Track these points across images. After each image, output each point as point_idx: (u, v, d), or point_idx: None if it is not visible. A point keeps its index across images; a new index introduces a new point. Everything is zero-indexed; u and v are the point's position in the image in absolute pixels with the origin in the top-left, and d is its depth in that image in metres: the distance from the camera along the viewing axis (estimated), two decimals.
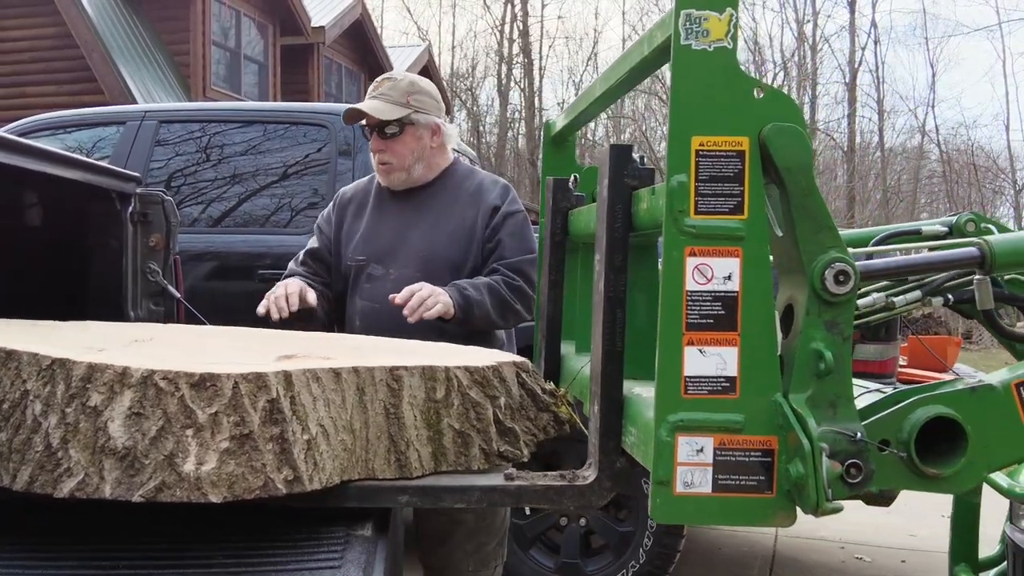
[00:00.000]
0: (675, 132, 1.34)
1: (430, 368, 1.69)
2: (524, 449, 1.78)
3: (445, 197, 2.74)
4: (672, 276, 1.36)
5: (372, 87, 2.73)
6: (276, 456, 1.43)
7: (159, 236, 3.11)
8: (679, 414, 1.38)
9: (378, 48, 18.91)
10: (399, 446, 1.63)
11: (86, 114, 5.44)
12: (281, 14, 16.01)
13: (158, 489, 1.35)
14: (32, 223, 3.11)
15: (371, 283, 2.68)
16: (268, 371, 1.46)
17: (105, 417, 1.38)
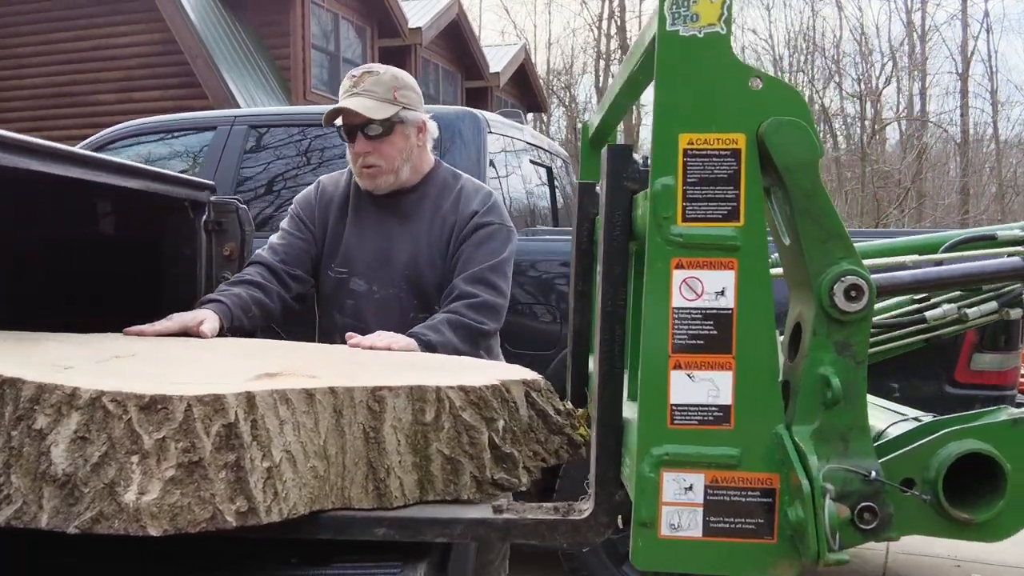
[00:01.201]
0: (660, 129, 1.18)
1: (419, 388, 1.56)
2: (524, 477, 1.63)
3: (428, 206, 2.56)
4: (656, 291, 1.20)
5: (350, 83, 2.51)
6: (229, 485, 1.32)
7: (233, 245, 3.06)
8: (664, 447, 1.22)
9: (474, 48, 18.92)
10: (378, 473, 1.51)
11: (177, 120, 5.49)
12: (379, 16, 16.15)
13: (95, 520, 1.26)
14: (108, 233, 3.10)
15: (354, 299, 2.53)
16: (227, 392, 1.35)
17: (49, 441, 1.30)
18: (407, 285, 2.49)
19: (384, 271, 2.51)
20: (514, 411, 1.68)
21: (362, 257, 2.53)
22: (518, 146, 4.95)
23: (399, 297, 2.45)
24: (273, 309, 2.48)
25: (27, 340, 1.80)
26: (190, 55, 13.32)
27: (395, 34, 16.33)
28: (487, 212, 2.52)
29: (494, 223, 2.51)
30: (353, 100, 2.46)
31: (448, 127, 4.34)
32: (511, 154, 4.82)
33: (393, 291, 2.48)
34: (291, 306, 2.56)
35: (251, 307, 2.41)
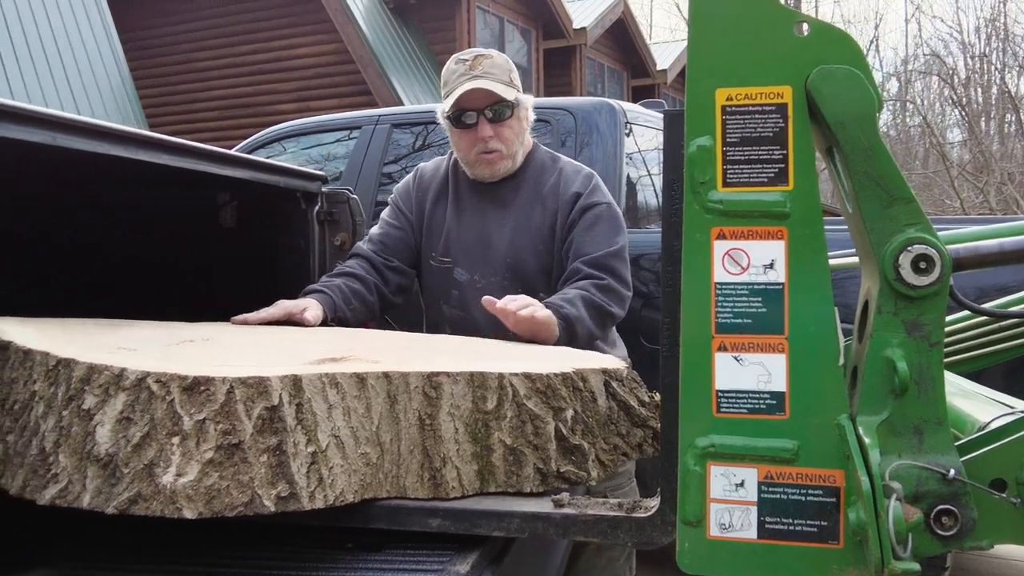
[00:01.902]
0: (694, 84, 1.07)
1: (480, 375, 1.48)
2: (595, 470, 1.54)
3: (527, 190, 2.46)
4: (695, 264, 1.09)
5: (463, 67, 2.39)
6: (270, 469, 1.29)
7: (345, 235, 3.10)
8: (710, 437, 1.11)
9: (641, 46, 18.68)
10: (434, 462, 1.45)
11: (324, 121, 5.65)
12: (544, 18, 16.18)
13: (132, 501, 1.25)
14: (227, 225, 3.20)
15: (459, 290, 2.46)
16: (271, 375, 1.33)
17: (96, 421, 1.30)
18: (509, 273, 2.41)
19: (485, 259, 2.44)
20: (589, 401, 1.59)
21: (463, 246, 2.47)
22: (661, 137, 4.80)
23: (502, 286, 2.37)
24: (372, 303, 2.45)
25: (112, 326, 1.84)
26: (361, 64, 13.73)
27: (560, 35, 16.32)
28: (591, 193, 2.42)
29: (600, 203, 2.41)
30: (479, 82, 2.35)
31: (585, 120, 4.25)
32: (654, 145, 4.68)
33: (495, 279, 2.41)
34: (391, 300, 2.52)
35: (352, 300, 2.39)
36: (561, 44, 16.41)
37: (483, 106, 2.37)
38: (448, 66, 2.44)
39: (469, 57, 2.40)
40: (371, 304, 2.44)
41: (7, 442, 1.39)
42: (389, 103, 13.10)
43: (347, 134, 5.32)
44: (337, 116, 5.77)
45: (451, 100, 2.37)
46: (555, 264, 2.39)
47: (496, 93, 2.34)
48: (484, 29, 15.29)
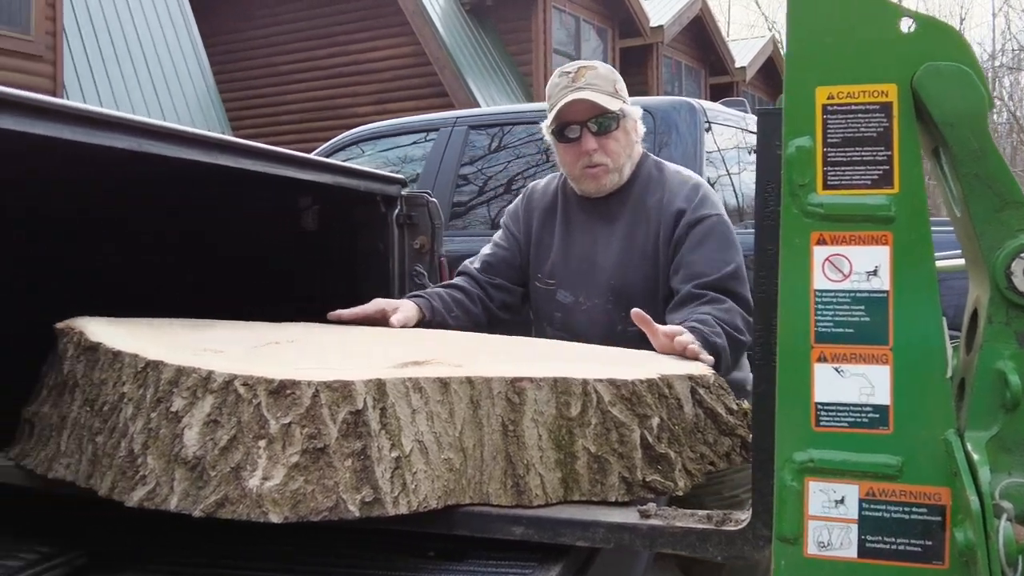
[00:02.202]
0: (793, 82, 1.03)
1: (563, 380, 1.46)
2: (683, 480, 1.50)
3: (633, 206, 2.35)
4: (794, 270, 1.04)
5: (566, 80, 2.31)
6: (354, 474, 1.28)
7: (424, 238, 3.11)
8: (808, 452, 1.06)
9: (719, 43, 18.43)
10: (517, 469, 1.43)
11: (401, 123, 5.69)
12: (620, 17, 16.08)
13: (219, 504, 1.25)
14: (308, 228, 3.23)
15: (562, 312, 2.38)
16: (356, 379, 1.32)
17: (183, 423, 1.31)
18: (613, 295, 2.31)
19: (590, 281, 2.35)
20: (675, 408, 1.55)
21: (568, 266, 2.39)
22: (743, 137, 4.72)
23: (605, 309, 2.29)
24: (476, 313, 2.42)
25: (199, 326, 1.86)
26: (438, 66, 13.81)
27: (636, 34, 16.20)
28: (697, 206, 2.27)
29: (707, 216, 2.26)
30: (580, 93, 2.26)
31: (663, 119, 4.20)
32: (734, 144, 4.61)
33: (599, 302, 2.32)
34: (496, 315, 2.47)
35: (453, 308, 2.36)
36: (637, 43, 16.29)
37: (586, 118, 2.28)
38: (551, 80, 2.37)
39: (572, 69, 2.33)
40: (475, 315, 2.41)
41: (96, 443, 1.41)
42: (465, 105, 13.15)
43: (423, 136, 5.35)
44: (414, 118, 5.80)
45: (554, 113, 2.30)
46: (661, 286, 2.28)
47: (599, 104, 2.25)
48: (560, 29, 15.25)
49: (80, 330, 1.56)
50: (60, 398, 1.55)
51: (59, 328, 1.63)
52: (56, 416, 1.54)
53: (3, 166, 1.75)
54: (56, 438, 1.52)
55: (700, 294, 2.15)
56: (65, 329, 1.60)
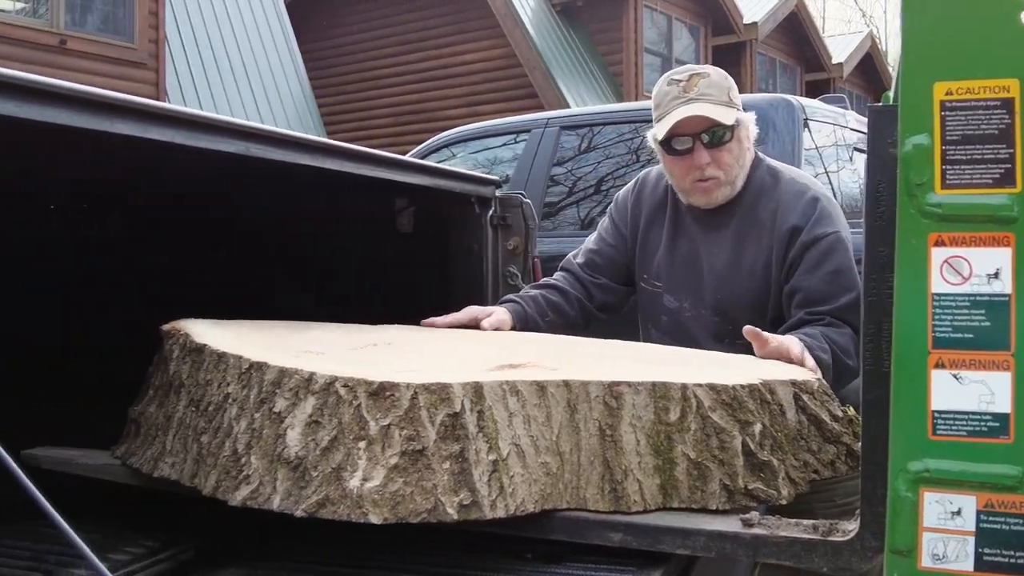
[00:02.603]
0: (910, 78, 0.99)
1: (662, 385, 1.43)
2: (786, 489, 1.46)
3: (743, 217, 2.22)
4: (910, 273, 1.00)
5: (676, 89, 2.16)
6: (452, 476, 1.28)
7: (518, 239, 3.11)
8: (924, 461, 1.02)
9: (815, 39, 18.03)
10: (615, 474, 1.41)
11: (493, 125, 5.70)
12: (713, 14, 15.87)
13: (320, 504, 1.27)
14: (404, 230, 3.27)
15: (668, 316, 2.30)
16: (454, 381, 1.32)
17: (286, 424, 1.33)
18: (717, 307, 2.22)
19: (695, 289, 2.26)
20: (778, 415, 1.51)
21: (674, 272, 2.29)
22: (842, 134, 4.60)
23: (710, 320, 2.21)
24: (572, 316, 2.36)
25: (299, 328, 1.89)
26: (528, 67, 13.83)
27: (729, 31, 15.96)
28: (814, 224, 2.12)
29: (825, 234, 2.11)
30: (692, 107, 2.12)
31: (761, 117, 4.09)
32: (833, 141, 4.49)
33: (704, 312, 2.23)
34: (594, 315, 2.41)
35: (547, 311, 2.32)
36: (731, 40, 16.04)
37: (699, 131, 2.14)
38: (660, 88, 2.23)
39: (683, 77, 2.18)
40: (571, 317, 2.36)
41: (201, 443, 1.44)
42: (555, 106, 13.14)
43: (513, 138, 5.35)
44: (505, 120, 5.81)
45: (665, 125, 2.15)
46: (771, 304, 2.17)
47: (714, 119, 2.11)
48: (651, 28, 15.13)
49: (185, 332, 1.59)
50: (166, 398, 1.59)
51: (165, 330, 1.66)
52: (162, 416, 1.58)
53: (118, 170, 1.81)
54: (162, 437, 1.56)
55: (815, 320, 2.04)
56: (171, 331, 1.64)
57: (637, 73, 14.67)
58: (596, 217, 4.79)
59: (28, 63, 8.53)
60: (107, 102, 1.26)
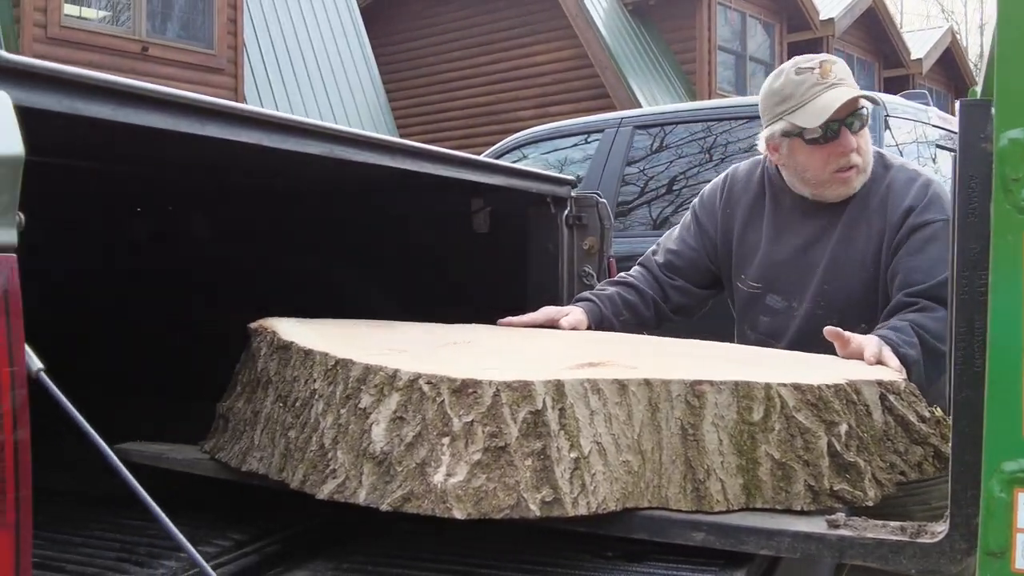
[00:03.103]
0: (1005, 69, 0.96)
1: (745, 384, 1.42)
2: (872, 490, 1.43)
3: (853, 207, 2.17)
4: (1006, 269, 0.98)
5: (812, 77, 2.09)
6: (534, 473, 1.29)
7: (594, 239, 3.10)
8: (1019, 461, 0.99)
9: (893, 34, 17.64)
10: (697, 474, 1.40)
11: (566, 125, 5.70)
12: (788, 11, 15.64)
13: (405, 499, 1.28)
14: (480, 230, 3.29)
15: (769, 316, 2.24)
16: (536, 379, 1.33)
17: (371, 420, 1.34)
18: (824, 301, 2.16)
19: (801, 285, 2.20)
20: (864, 415, 1.49)
21: (779, 269, 2.23)
22: (924, 131, 4.50)
23: (815, 315, 2.14)
24: (647, 316, 2.34)
25: (380, 327, 1.92)
26: (600, 67, 13.80)
27: (805, 27, 15.71)
28: (925, 208, 2.08)
29: (934, 220, 2.06)
30: (842, 90, 2.06)
31: None
32: (914, 138, 4.40)
33: (809, 306, 2.18)
34: (668, 317, 2.38)
35: (622, 311, 2.30)
36: (807, 37, 15.78)
37: (845, 115, 2.07)
38: (788, 77, 2.13)
39: (814, 64, 2.11)
40: (645, 318, 2.33)
41: (288, 438, 1.47)
42: (627, 106, 13.08)
43: (584, 138, 5.34)
44: (579, 120, 5.80)
45: (815, 112, 2.07)
46: (880, 294, 2.12)
47: (865, 99, 2.08)
48: (724, 26, 14.97)
49: (272, 329, 1.63)
50: (253, 394, 1.62)
51: (252, 328, 1.70)
52: (249, 411, 1.61)
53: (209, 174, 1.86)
54: (249, 432, 1.59)
55: (911, 302, 1.99)
56: (258, 329, 1.68)
57: (710, 71, 14.53)
58: (669, 217, 4.76)
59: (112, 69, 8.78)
60: (199, 106, 1.30)
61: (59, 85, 1.07)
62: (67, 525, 1.62)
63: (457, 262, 2.88)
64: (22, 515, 0.97)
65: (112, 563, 1.47)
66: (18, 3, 9.11)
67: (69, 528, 1.61)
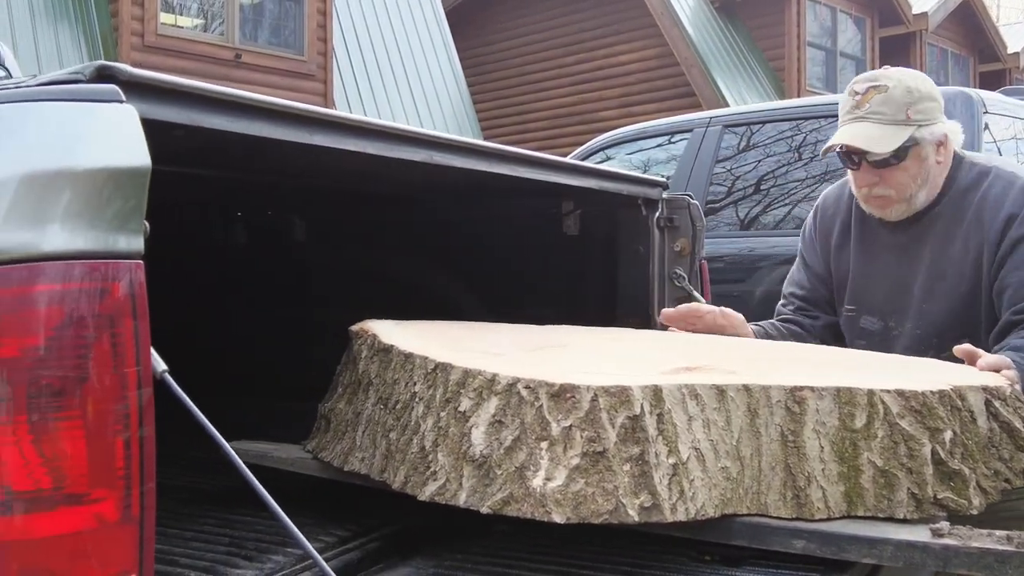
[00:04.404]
0: None
1: (847, 390, 1.41)
2: (976, 499, 1.41)
3: (945, 222, 2.09)
4: None
5: (852, 102, 2.07)
6: (633, 479, 1.29)
7: (685, 241, 3.09)
8: None
9: (989, 28, 17.07)
10: (798, 481, 1.39)
11: (653, 126, 5.67)
12: (879, 5, 15.29)
13: (505, 502, 1.29)
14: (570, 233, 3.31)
15: (865, 339, 2.19)
16: (634, 384, 1.33)
17: (471, 423, 1.36)
18: (923, 321, 2.09)
19: (899, 305, 2.14)
20: (968, 421, 1.46)
21: (872, 290, 2.19)
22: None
23: (914, 335, 2.09)
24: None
25: (477, 329, 1.94)
26: (685, 65, 13.69)
27: (897, 22, 15.35)
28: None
29: None
30: (854, 128, 2.06)
31: None
32: (1013, 134, 4.27)
33: (909, 327, 2.11)
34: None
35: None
36: (899, 31, 15.44)
37: (863, 152, 2.06)
38: (843, 95, 2.15)
39: (862, 88, 2.08)
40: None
41: (390, 439, 1.49)
42: (712, 103, 12.95)
43: (668, 139, 5.31)
44: (666, 120, 5.76)
45: (832, 139, 2.10)
46: (983, 307, 2.03)
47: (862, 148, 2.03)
48: (814, 21, 14.71)
49: (373, 332, 1.66)
50: (354, 396, 1.66)
51: (353, 330, 1.74)
52: (351, 412, 1.65)
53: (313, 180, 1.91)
54: (351, 433, 1.63)
55: (1021, 322, 1.92)
56: (359, 331, 1.71)
57: (800, 68, 14.30)
58: (757, 217, 4.71)
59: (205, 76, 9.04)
60: (308, 116, 1.34)
61: (181, 98, 1.12)
62: (178, 520, 1.68)
63: (547, 264, 2.90)
64: (146, 509, 1.02)
65: (222, 557, 1.52)
66: (116, 13, 9.43)
67: (180, 522, 1.67)
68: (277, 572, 1.47)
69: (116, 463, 0.99)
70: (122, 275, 0.98)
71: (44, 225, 0.95)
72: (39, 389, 0.95)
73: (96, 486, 0.97)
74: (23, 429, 0.95)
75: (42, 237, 0.95)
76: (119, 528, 0.99)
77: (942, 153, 2.09)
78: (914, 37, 15.67)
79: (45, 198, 0.95)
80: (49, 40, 9.09)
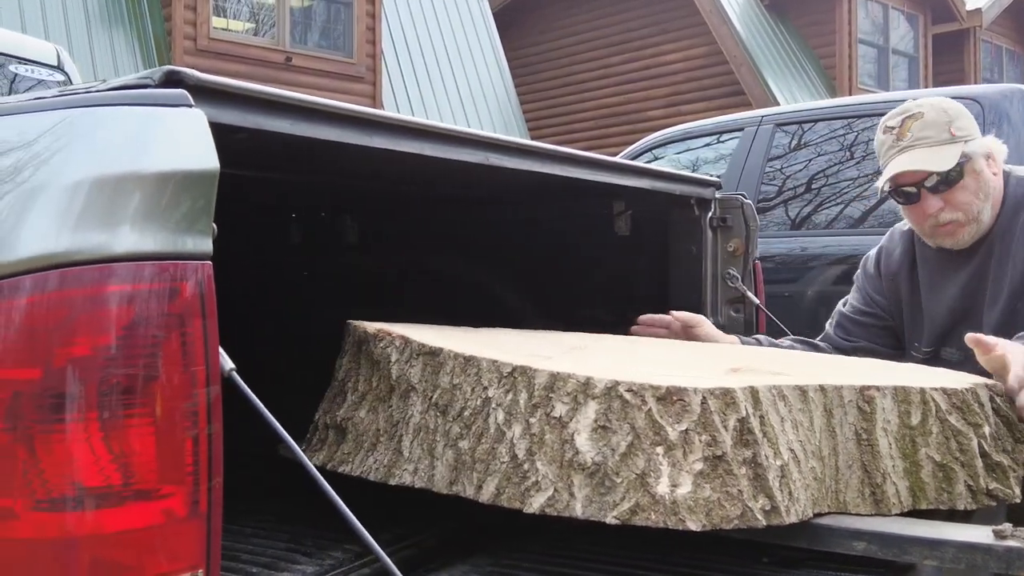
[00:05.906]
0: None
1: (903, 389, 1.42)
2: (1016, 488, 1.45)
3: (998, 243, 2.07)
4: None
5: (891, 138, 2.09)
6: (750, 482, 1.25)
7: (739, 241, 3.06)
8: None
9: None
10: (874, 478, 1.40)
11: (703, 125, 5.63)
12: (932, 2, 15.06)
13: (632, 511, 1.23)
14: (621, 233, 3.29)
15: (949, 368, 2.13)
16: (736, 387, 1.29)
17: (571, 429, 1.29)
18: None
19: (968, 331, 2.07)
20: (988, 417, 1.50)
21: (944, 323, 2.17)
22: None
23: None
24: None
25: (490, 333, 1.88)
26: (734, 64, 13.59)
27: (951, 18, 15.09)
28: None
29: None
30: (904, 158, 2.06)
31: (993, 109, 3.88)
32: None
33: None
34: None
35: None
36: (952, 28, 15.18)
37: (920, 179, 2.06)
38: (877, 136, 2.17)
39: (896, 123, 2.10)
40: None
41: (459, 448, 1.39)
42: (762, 102, 12.85)
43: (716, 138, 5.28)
44: (716, 119, 5.71)
45: (884, 177, 2.10)
46: None
47: (925, 170, 2.03)
48: (865, 19, 14.53)
49: (402, 335, 1.55)
50: (383, 403, 1.55)
51: (371, 333, 1.61)
52: (382, 421, 1.54)
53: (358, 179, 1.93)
54: (389, 443, 1.52)
55: None
56: (378, 334, 1.59)
57: (851, 66, 14.13)
58: (809, 216, 4.65)
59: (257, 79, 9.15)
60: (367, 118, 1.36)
61: (246, 102, 1.15)
62: (238, 516, 1.70)
63: (599, 265, 2.90)
64: (213, 505, 1.04)
65: (282, 553, 1.53)
66: (170, 17, 9.59)
67: (240, 519, 1.68)
68: (336, 568, 1.48)
69: (184, 459, 1.01)
70: (190, 275, 1.01)
71: (115, 227, 0.97)
72: (110, 387, 0.97)
73: (165, 482, 0.99)
74: (94, 426, 0.96)
75: (113, 239, 0.97)
76: (187, 523, 1.02)
77: (993, 165, 2.08)
78: (968, 34, 15.39)
79: (116, 201, 0.97)
80: (104, 44, 9.27)
